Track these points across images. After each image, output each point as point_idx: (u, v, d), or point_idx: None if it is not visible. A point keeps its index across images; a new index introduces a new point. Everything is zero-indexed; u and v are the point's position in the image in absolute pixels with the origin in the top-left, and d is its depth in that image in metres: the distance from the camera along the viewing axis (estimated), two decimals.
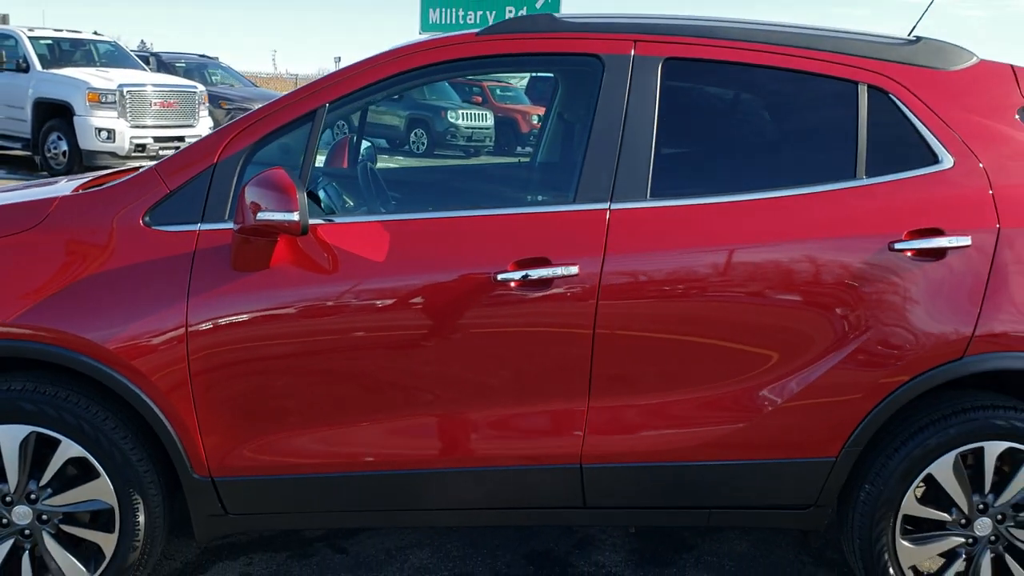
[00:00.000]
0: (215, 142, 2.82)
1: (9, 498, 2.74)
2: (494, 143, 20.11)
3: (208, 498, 2.79)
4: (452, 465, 2.80)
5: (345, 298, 2.70)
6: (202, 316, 2.68)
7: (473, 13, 19.17)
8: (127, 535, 2.78)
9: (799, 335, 2.77)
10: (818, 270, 2.76)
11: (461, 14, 19.26)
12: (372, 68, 2.89)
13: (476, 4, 18.89)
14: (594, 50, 2.87)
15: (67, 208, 2.82)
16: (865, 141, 2.85)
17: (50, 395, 2.70)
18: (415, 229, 2.80)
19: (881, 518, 2.88)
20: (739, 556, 3.45)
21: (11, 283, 2.69)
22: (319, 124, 2.81)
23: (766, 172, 2.92)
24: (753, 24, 2.98)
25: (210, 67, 20.01)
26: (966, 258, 2.78)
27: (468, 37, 2.95)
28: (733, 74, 2.95)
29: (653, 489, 2.89)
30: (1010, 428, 2.85)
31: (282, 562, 3.28)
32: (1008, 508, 2.90)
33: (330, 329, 2.71)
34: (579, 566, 3.33)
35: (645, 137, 2.80)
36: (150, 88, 13.20)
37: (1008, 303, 2.78)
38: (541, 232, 2.76)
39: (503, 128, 20.14)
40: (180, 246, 2.72)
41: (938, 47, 3.00)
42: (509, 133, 20.09)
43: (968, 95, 2.94)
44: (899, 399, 2.80)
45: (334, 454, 2.77)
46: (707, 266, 2.76)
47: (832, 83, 2.90)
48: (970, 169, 2.85)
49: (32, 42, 13.70)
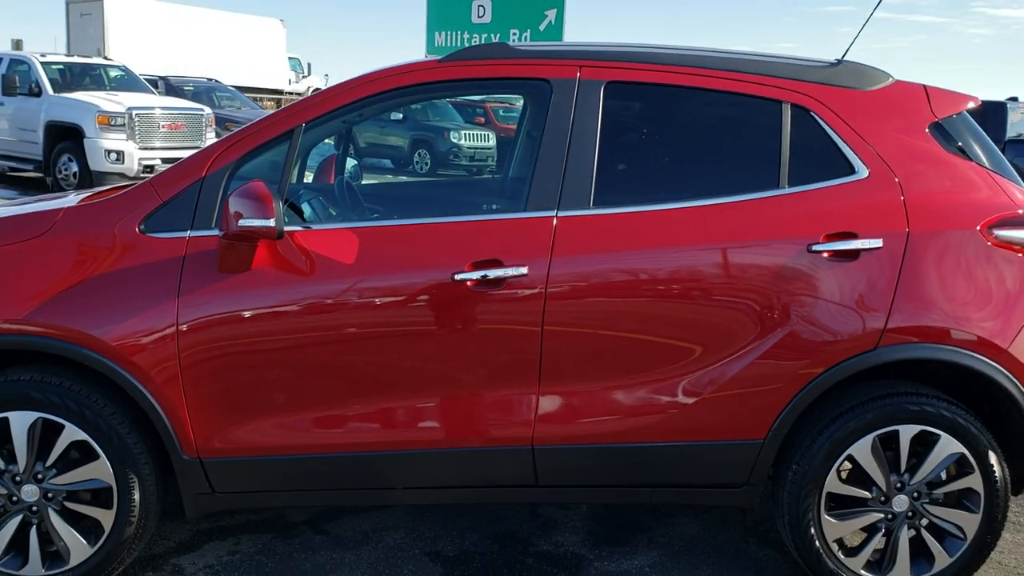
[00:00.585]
0: (203, 158, 3.16)
1: (18, 477, 3.05)
2: (496, 162, 20.48)
3: (196, 477, 3.10)
4: (415, 447, 3.10)
5: (318, 296, 3.02)
6: (190, 315, 3.00)
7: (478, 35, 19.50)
8: (124, 511, 3.08)
9: (726, 329, 3.07)
10: (743, 270, 3.07)
11: (466, 36, 19.62)
12: (345, 91, 3.22)
13: (480, 27, 19.25)
14: (543, 75, 3.20)
15: (72, 217, 3.15)
16: (788, 154, 3.17)
17: (55, 385, 3.02)
18: (383, 235, 3.13)
19: (807, 495, 3.17)
20: (688, 537, 3.74)
21: (21, 284, 3.01)
22: (296, 142, 3.14)
23: (698, 183, 3.23)
24: (688, 50, 3.30)
25: (218, 90, 20.46)
26: (878, 259, 3.08)
27: (432, 63, 3.28)
28: (668, 95, 3.27)
29: (599, 469, 3.19)
30: (922, 413, 3.14)
31: (267, 542, 3.58)
32: (923, 486, 3.19)
33: (304, 324, 3.02)
34: (540, 545, 3.62)
35: (589, 151, 3.12)
36: (158, 111, 13.61)
37: (917, 299, 3.08)
38: (495, 237, 3.08)
39: (505, 148, 20.49)
40: (172, 251, 3.04)
41: (857, 69, 3.32)
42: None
43: (883, 112, 3.25)
44: (819, 386, 3.10)
45: (307, 438, 3.08)
46: (644, 267, 3.07)
47: (758, 102, 3.21)
48: (884, 179, 3.15)
49: (44, 67, 14.16)
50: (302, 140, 3.19)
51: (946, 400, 3.18)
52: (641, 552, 3.60)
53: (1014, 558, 3.69)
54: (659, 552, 3.61)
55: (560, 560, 3.51)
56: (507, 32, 18.95)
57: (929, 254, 3.10)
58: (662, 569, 3.48)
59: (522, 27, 18.66)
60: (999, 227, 3.15)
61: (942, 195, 3.18)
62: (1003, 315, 3.12)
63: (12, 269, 3.04)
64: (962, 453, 3.16)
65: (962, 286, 3.11)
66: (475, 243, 3.05)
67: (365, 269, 3.04)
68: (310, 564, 3.43)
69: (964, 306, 3.10)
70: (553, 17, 18.46)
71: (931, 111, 3.30)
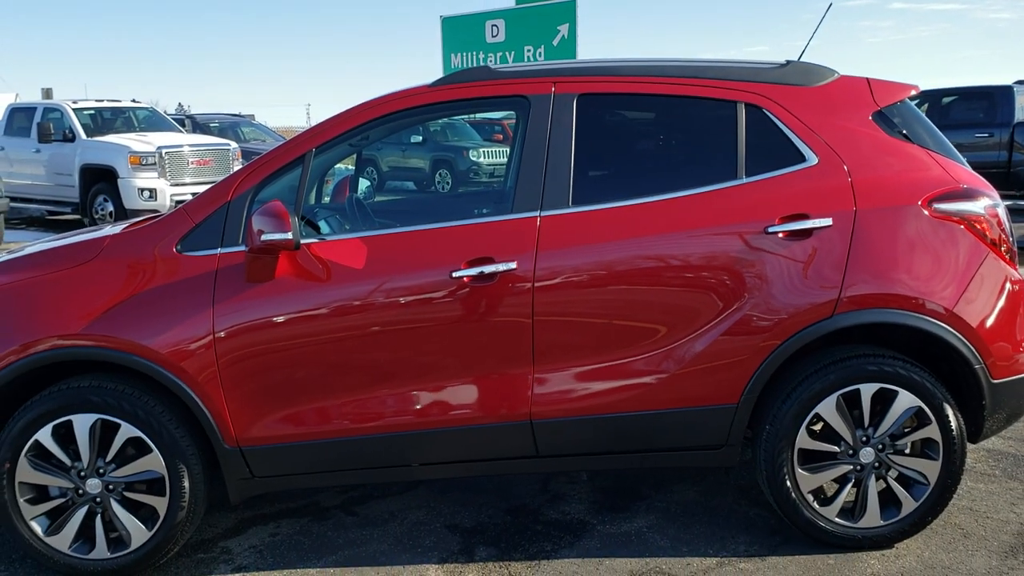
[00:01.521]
0: (228, 184, 3.59)
1: (83, 473, 3.49)
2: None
3: (237, 464, 3.52)
4: (428, 427, 3.50)
5: (334, 298, 3.44)
6: (225, 323, 3.43)
7: (493, 55, 19.98)
8: (176, 498, 3.51)
9: (695, 307, 3.45)
10: (707, 254, 3.45)
11: (481, 57, 20.08)
12: (348, 118, 3.65)
13: (495, 46, 19.73)
14: (522, 92, 3.62)
15: (117, 243, 3.60)
16: (744, 148, 3.55)
17: (111, 389, 3.46)
18: (388, 241, 3.54)
19: (781, 452, 3.53)
20: (685, 502, 4.11)
21: (78, 303, 3.45)
22: (308, 165, 3.56)
23: (665, 178, 3.61)
24: (650, 61, 3.70)
25: (242, 125, 21.13)
26: (829, 236, 3.45)
27: (424, 88, 3.70)
28: (635, 102, 3.67)
29: (592, 438, 3.56)
30: (880, 372, 3.49)
31: (304, 524, 4.00)
32: (886, 438, 3.54)
33: (323, 323, 3.44)
34: (549, 514, 4.01)
35: (566, 156, 3.53)
36: (186, 148, 14.20)
37: (867, 270, 3.44)
38: (487, 237, 3.48)
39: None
40: (205, 267, 3.48)
41: (804, 68, 3.70)
42: None
43: (829, 105, 3.62)
44: (784, 352, 3.46)
45: (331, 424, 3.48)
46: (620, 255, 3.45)
47: (715, 104, 3.60)
48: (832, 164, 3.52)
49: (76, 113, 14.83)
50: (313, 163, 3.62)
51: (902, 359, 3.53)
52: (640, 516, 3.97)
53: (985, 505, 4.02)
54: (657, 516, 3.98)
55: (566, 526, 3.90)
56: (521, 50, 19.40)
57: (875, 228, 3.46)
58: (659, 529, 3.85)
59: (536, 43, 19.11)
60: (939, 201, 3.51)
61: (886, 175, 3.54)
62: (946, 279, 3.47)
63: (69, 291, 3.48)
64: (919, 406, 3.51)
65: (907, 255, 3.46)
66: (469, 244, 3.46)
67: (374, 272, 3.45)
68: (343, 540, 3.84)
69: (910, 273, 3.45)
70: (566, 31, 18.88)
71: (874, 101, 3.67)
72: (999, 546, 3.64)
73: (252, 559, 3.70)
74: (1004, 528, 3.79)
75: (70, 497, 3.51)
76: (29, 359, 3.42)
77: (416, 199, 11.42)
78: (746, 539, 3.75)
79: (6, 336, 3.44)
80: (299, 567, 3.62)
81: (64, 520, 3.51)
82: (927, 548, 3.63)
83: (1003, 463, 4.48)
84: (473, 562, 3.61)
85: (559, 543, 3.75)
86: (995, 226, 3.57)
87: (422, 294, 3.44)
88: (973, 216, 3.53)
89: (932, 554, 3.59)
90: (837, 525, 3.59)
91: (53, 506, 3.52)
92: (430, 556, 3.68)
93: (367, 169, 21.08)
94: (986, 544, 3.66)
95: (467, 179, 20.01)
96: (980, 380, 3.52)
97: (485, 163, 20.44)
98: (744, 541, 3.73)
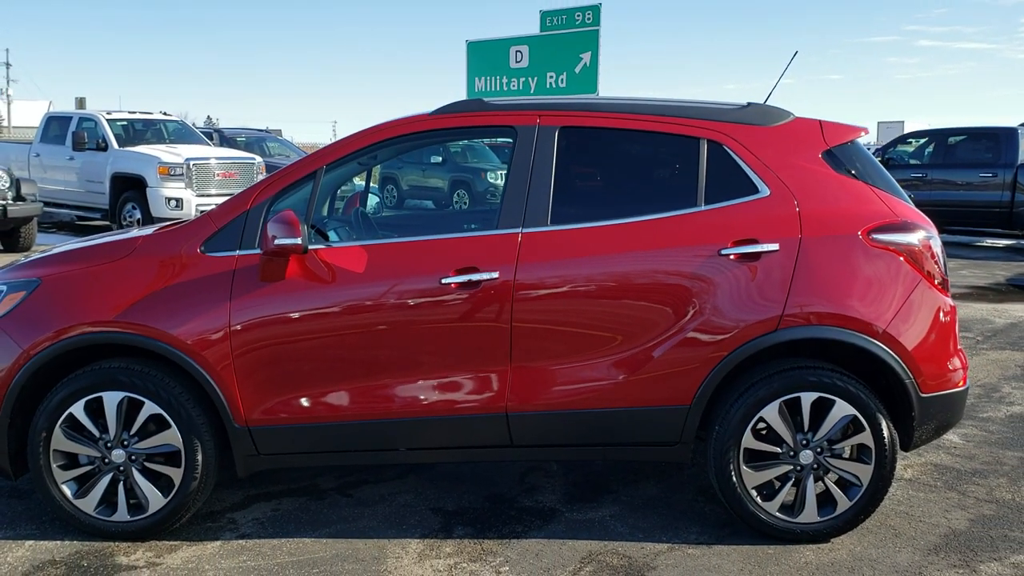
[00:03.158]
0: (248, 195, 4.07)
1: (110, 444, 3.95)
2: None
3: (245, 442, 3.98)
4: (414, 415, 3.94)
5: (337, 298, 3.90)
6: (240, 317, 3.89)
7: (516, 80, 20.55)
8: (190, 469, 3.96)
9: (655, 317, 3.89)
10: (666, 271, 3.89)
11: (505, 81, 20.69)
12: (357, 139, 4.13)
13: (518, 72, 20.29)
14: (510, 123, 4.09)
15: (149, 242, 4.08)
16: (704, 179, 3.99)
17: (137, 371, 3.92)
18: (386, 250, 4.01)
19: (728, 450, 3.95)
20: (648, 497, 4.53)
21: (113, 294, 3.93)
22: (319, 180, 4.04)
23: (633, 204, 4.05)
24: (625, 100, 4.17)
25: (268, 140, 21.79)
26: (776, 259, 3.88)
27: (424, 116, 4.18)
28: (610, 136, 4.13)
29: (559, 430, 4.00)
30: (819, 382, 3.92)
31: (303, 503, 4.45)
32: (824, 442, 3.96)
33: (326, 320, 3.90)
34: (523, 502, 4.44)
35: (547, 181, 3.99)
36: (213, 161, 14.80)
37: (808, 291, 3.87)
38: (474, 249, 3.94)
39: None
40: (225, 266, 3.95)
41: (762, 110, 4.15)
42: None
43: (783, 143, 4.07)
44: (732, 360, 3.88)
45: (327, 410, 3.93)
46: (590, 270, 3.90)
47: (680, 139, 4.06)
48: (782, 196, 3.97)
49: (109, 124, 15.49)
50: (324, 179, 4.09)
51: (840, 372, 3.95)
52: (606, 507, 4.40)
53: (920, 510, 4.41)
54: (620, 507, 4.40)
55: (538, 512, 4.33)
56: (544, 76, 19.93)
57: (818, 255, 3.89)
58: (620, 518, 4.27)
59: (558, 70, 19.66)
60: (877, 232, 3.94)
61: (831, 208, 3.98)
62: (880, 301, 3.89)
63: (105, 283, 3.96)
64: (854, 415, 3.93)
65: (847, 279, 3.89)
66: (458, 254, 3.92)
67: (372, 276, 3.91)
68: (336, 516, 4.29)
69: (850, 296, 3.88)
70: (588, 59, 19.44)
71: (824, 141, 4.11)
72: (925, 545, 4.04)
73: (254, 529, 4.15)
74: (933, 531, 4.19)
75: (97, 465, 3.98)
76: (65, 342, 3.90)
77: (416, 214, 12.21)
78: (697, 530, 4.16)
79: (46, 322, 3.92)
80: (295, 537, 4.07)
81: (91, 485, 3.98)
82: (859, 544, 4.04)
83: (946, 476, 4.88)
84: (451, 539, 4.05)
85: (529, 526, 4.18)
86: (928, 257, 3.99)
87: (414, 297, 3.89)
88: (908, 247, 3.95)
89: (863, 549, 3.99)
90: (777, 519, 4.00)
91: (81, 472, 3.99)
92: (413, 532, 4.12)
93: (387, 187, 21.68)
94: (913, 543, 4.06)
95: (484, 200, 20.51)
96: (910, 393, 3.94)
97: (501, 185, 20.86)
98: (696, 531, 4.15)
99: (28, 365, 3.89)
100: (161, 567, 3.78)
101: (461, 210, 14.05)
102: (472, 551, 3.93)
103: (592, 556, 3.89)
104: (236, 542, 4.02)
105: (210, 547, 3.97)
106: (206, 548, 3.96)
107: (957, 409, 4.10)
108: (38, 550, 3.92)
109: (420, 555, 3.89)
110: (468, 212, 7.73)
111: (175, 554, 3.90)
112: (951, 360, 4.04)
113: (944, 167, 16.03)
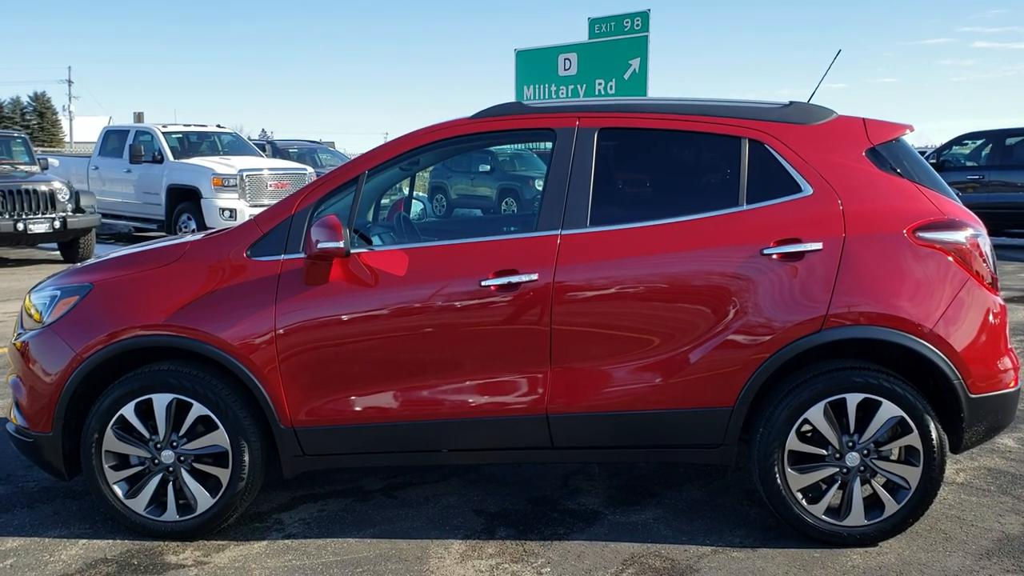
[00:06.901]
0: (292, 200, 4.14)
1: (159, 445, 4.04)
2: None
3: (291, 443, 4.03)
4: (456, 417, 3.97)
5: (378, 300, 3.94)
6: (285, 320, 3.95)
7: (565, 87, 20.57)
8: (237, 470, 4.03)
9: (696, 318, 3.87)
10: (708, 272, 3.87)
11: (553, 89, 20.72)
12: (398, 144, 4.18)
13: (567, 79, 20.31)
14: (549, 125, 4.10)
15: (197, 248, 4.17)
16: (746, 179, 3.97)
17: (185, 373, 4.01)
18: (427, 253, 4.04)
19: (773, 453, 3.91)
20: (692, 500, 4.50)
21: (163, 298, 4.01)
22: (361, 185, 4.09)
23: (674, 204, 4.04)
24: (665, 100, 4.16)
25: (319, 151, 22.09)
26: (820, 258, 3.84)
27: (465, 121, 4.21)
28: (650, 136, 4.12)
29: (600, 432, 3.99)
30: (864, 383, 3.86)
31: (348, 504, 4.50)
32: (871, 444, 3.90)
33: (370, 323, 3.94)
34: (566, 504, 4.44)
35: (586, 182, 3.99)
36: (266, 172, 15.06)
37: (853, 290, 3.82)
38: (513, 252, 3.96)
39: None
40: (270, 271, 4.01)
41: (805, 108, 4.12)
42: None
43: (826, 142, 4.03)
44: (776, 361, 3.85)
45: (371, 412, 3.97)
46: (630, 271, 3.90)
47: (722, 139, 4.04)
48: (825, 194, 3.93)
49: (165, 136, 15.84)
50: (367, 184, 4.14)
51: (886, 373, 3.89)
52: (649, 510, 4.38)
53: (973, 515, 4.33)
54: (664, 510, 4.38)
55: (581, 514, 4.33)
56: (592, 83, 19.92)
57: (863, 253, 3.85)
58: (664, 521, 4.25)
59: (607, 77, 19.63)
60: (923, 230, 3.88)
61: (875, 206, 3.93)
62: (928, 301, 3.83)
63: (155, 287, 4.05)
64: (902, 416, 3.86)
65: (892, 278, 3.84)
66: (497, 256, 3.94)
67: (414, 279, 3.95)
68: (381, 517, 4.32)
69: (895, 295, 3.82)
70: (637, 66, 19.38)
71: (867, 138, 4.06)
72: (977, 549, 3.96)
73: (300, 529, 4.21)
74: (986, 535, 4.10)
75: (147, 466, 4.06)
76: (116, 345, 3.99)
77: (458, 219, 12.40)
78: (742, 533, 4.13)
79: (98, 326, 4.01)
80: (340, 537, 4.11)
81: (141, 486, 4.06)
82: (908, 548, 3.97)
83: (1000, 480, 4.77)
84: (493, 540, 4.06)
85: (572, 528, 4.18)
86: (977, 255, 3.92)
87: (454, 299, 3.92)
88: (955, 245, 3.89)
89: (912, 553, 3.92)
90: (823, 522, 3.95)
91: (132, 473, 4.08)
92: (456, 533, 4.14)
93: (436, 196, 21.84)
94: (965, 547, 3.98)
95: (531, 207, 20.50)
96: (959, 394, 3.86)
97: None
98: (740, 534, 4.11)
99: (81, 368, 3.99)
100: (209, 566, 3.84)
101: (503, 214, 14.28)
102: (514, 552, 3.94)
103: (634, 558, 3.87)
104: (282, 542, 4.08)
105: (256, 547, 4.03)
106: (253, 548, 4.02)
107: (1008, 410, 4.01)
108: (91, 548, 4.01)
109: (462, 556, 3.91)
110: (509, 216, 7.80)
111: (222, 553, 3.97)
112: (1001, 360, 3.96)
113: (1002, 168, 15.70)
